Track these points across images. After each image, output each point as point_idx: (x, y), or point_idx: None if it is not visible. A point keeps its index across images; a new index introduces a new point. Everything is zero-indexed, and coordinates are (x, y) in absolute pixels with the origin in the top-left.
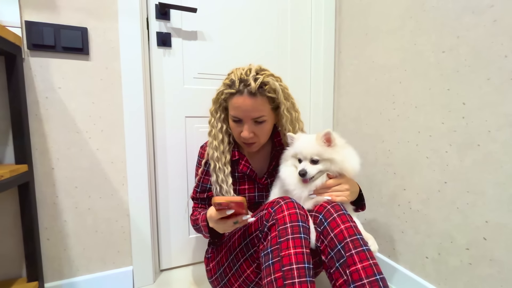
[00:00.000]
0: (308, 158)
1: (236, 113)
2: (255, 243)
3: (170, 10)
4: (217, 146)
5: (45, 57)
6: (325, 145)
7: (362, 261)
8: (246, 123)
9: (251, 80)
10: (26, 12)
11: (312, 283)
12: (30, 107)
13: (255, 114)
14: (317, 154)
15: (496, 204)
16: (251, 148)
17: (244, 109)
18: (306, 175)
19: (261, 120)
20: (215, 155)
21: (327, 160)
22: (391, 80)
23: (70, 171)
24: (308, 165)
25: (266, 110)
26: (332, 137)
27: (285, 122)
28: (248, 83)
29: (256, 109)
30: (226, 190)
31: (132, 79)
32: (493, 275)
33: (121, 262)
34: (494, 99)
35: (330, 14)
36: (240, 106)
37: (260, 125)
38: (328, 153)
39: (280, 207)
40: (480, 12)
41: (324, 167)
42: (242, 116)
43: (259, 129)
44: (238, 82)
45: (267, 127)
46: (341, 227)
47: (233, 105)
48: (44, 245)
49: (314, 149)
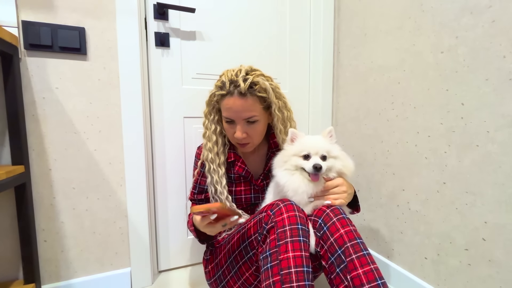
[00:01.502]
0: (320, 154)
1: (228, 114)
2: (254, 246)
3: (169, 10)
4: (211, 148)
5: (42, 57)
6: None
7: (363, 266)
8: (238, 123)
9: (240, 81)
10: (23, 11)
11: (311, 287)
12: (27, 108)
13: (246, 114)
14: (327, 151)
15: (495, 205)
16: (246, 148)
17: (235, 110)
18: (322, 169)
19: (253, 120)
20: (209, 156)
21: (333, 157)
22: (390, 80)
23: (68, 172)
24: (320, 161)
25: (257, 110)
26: (334, 134)
27: (276, 121)
28: (237, 84)
29: (247, 110)
30: (220, 192)
31: (130, 79)
32: (492, 275)
33: (119, 264)
34: (493, 100)
35: (328, 15)
36: (231, 107)
37: (252, 125)
38: (336, 150)
39: (279, 210)
40: (478, 12)
41: (331, 165)
42: (233, 117)
43: (251, 130)
44: (229, 84)
45: (260, 127)
46: (341, 232)
47: (225, 106)
48: (41, 246)
49: (326, 145)
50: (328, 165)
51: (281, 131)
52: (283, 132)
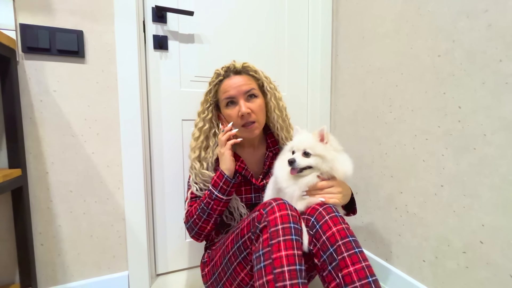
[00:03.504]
0: (301, 150)
1: (228, 94)
2: (247, 246)
3: (167, 13)
4: (191, 143)
5: (40, 60)
6: (320, 142)
7: (355, 263)
8: (240, 98)
9: (235, 64)
10: (20, 14)
11: (305, 285)
12: (25, 110)
13: (246, 87)
14: (310, 147)
15: (492, 208)
16: (253, 129)
17: (234, 86)
18: (295, 163)
19: (253, 93)
20: (190, 153)
21: (318, 156)
22: (387, 83)
23: (65, 175)
24: (298, 156)
25: (254, 85)
26: (326, 134)
27: (269, 99)
28: (232, 67)
29: (245, 83)
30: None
31: (129, 82)
32: (490, 278)
33: (116, 267)
34: (489, 103)
35: (327, 18)
36: (231, 84)
37: (253, 100)
38: (321, 148)
39: (272, 209)
40: (474, 16)
41: (314, 163)
42: (234, 93)
43: (253, 105)
44: (224, 71)
45: (260, 102)
46: (333, 230)
47: (224, 89)
48: (38, 250)
49: (308, 141)
50: (311, 163)
51: (276, 107)
52: (281, 120)
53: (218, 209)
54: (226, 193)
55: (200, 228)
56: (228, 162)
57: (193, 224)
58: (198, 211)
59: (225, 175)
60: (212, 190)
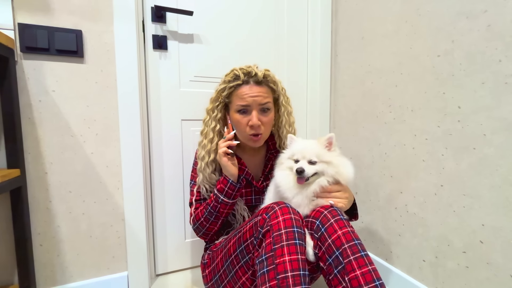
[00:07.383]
0: (307, 158)
1: (244, 102)
2: (250, 250)
3: (166, 13)
4: (205, 145)
5: (38, 60)
6: (326, 149)
7: (361, 267)
8: (254, 109)
9: (256, 71)
10: (19, 14)
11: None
12: (23, 110)
13: (263, 100)
14: (317, 155)
15: (492, 208)
16: (257, 141)
17: (252, 96)
18: (304, 173)
19: (267, 107)
20: (201, 154)
21: (325, 162)
22: (387, 83)
23: (64, 175)
24: (306, 164)
25: (270, 98)
26: (334, 143)
27: (283, 112)
28: (253, 74)
29: (263, 96)
30: (211, 190)
31: (128, 82)
32: (490, 278)
33: (116, 268)
34: (489, 103)
35: (326, 18)
36: (248, 93)
37: (265, 113)
38: (328, 155)
39: (275, 213)
40: (474, 17)
41: (321, 169)
42: (250, 102)
43: (265, 118)
44: (243, 75)
45: (272, 116)
46: (338, 233)
47: (240, 95)
48: (37, 251)
49: (314, 150)
50: (318, 170)
51: (288, 124)
52: (288, 125)
53: (225, 211)
54: (231, 197)
55: (208, 229)
56: (229, 169)
57: (200, 226)
58: (205, 214)
59: (229, 180)
60: (218, 194)
